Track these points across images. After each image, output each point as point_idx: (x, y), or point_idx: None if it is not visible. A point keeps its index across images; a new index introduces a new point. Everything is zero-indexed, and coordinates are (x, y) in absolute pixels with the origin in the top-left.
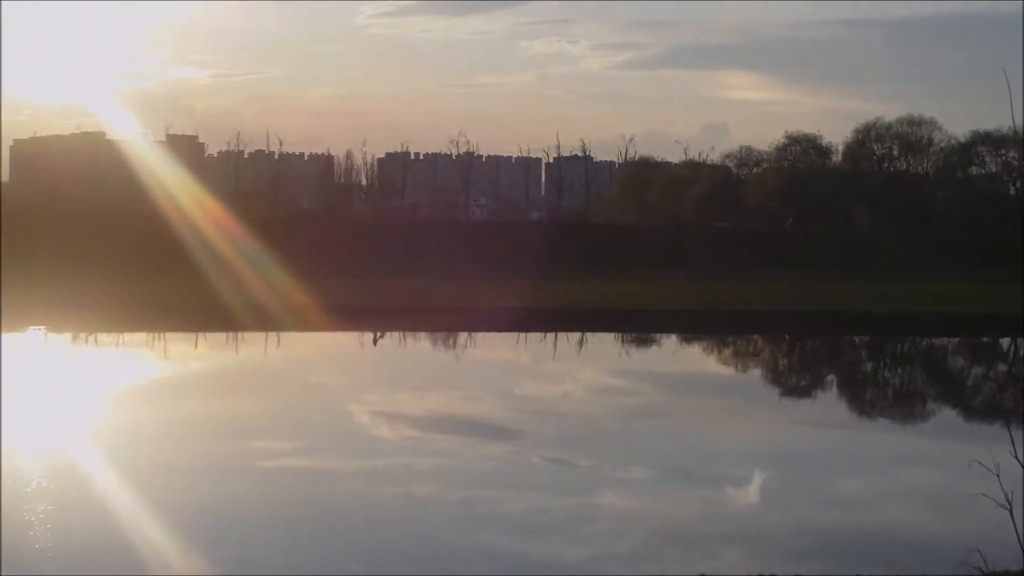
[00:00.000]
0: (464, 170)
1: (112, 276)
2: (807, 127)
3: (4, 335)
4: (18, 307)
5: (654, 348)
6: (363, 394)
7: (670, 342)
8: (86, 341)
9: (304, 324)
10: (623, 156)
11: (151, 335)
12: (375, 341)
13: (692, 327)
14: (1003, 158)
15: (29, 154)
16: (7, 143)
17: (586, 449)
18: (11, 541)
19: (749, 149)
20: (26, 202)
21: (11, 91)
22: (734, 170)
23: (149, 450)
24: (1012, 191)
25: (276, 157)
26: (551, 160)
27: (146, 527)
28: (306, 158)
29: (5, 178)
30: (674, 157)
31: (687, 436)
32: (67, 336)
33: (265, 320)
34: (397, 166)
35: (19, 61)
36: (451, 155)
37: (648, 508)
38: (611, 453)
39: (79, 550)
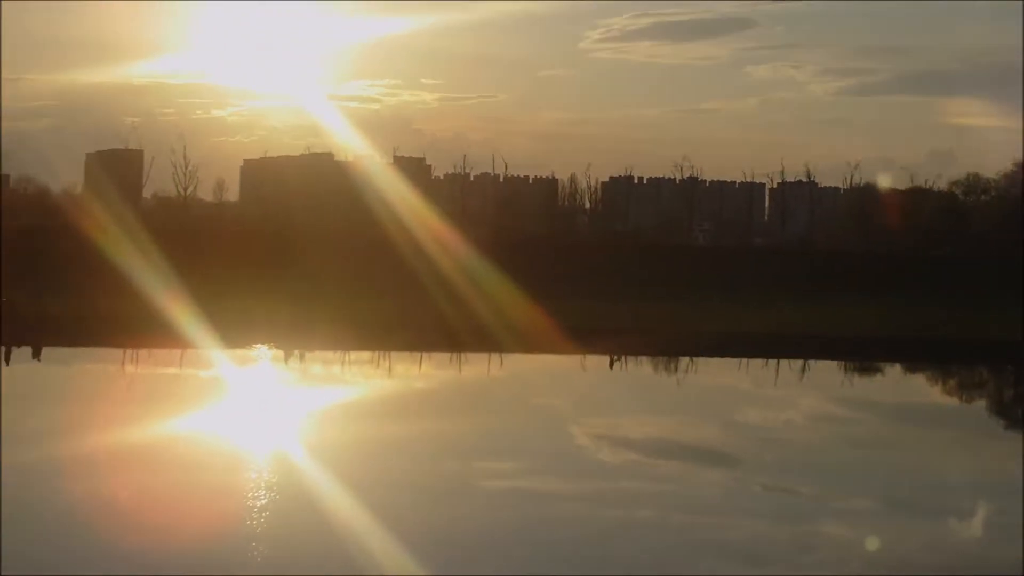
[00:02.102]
0: (687, 194)
1: (338, 295)
2: None
3: (232, 352)
4: (244, 324)
5: (877, 376)
6: (588, 416)
7: (893, 370)
8: (311, 359)
9: (531, 345)
10: (848, 182)
11: (376, 354)
12: (611, 364)
13: (914, 355)
14: None
15: (259, 174)
16: (238, 163)
17: (808, 477)
18: (220, 550)
19: (976, 176)
20: (255, 221)
21: (243, 111)
22: (960, 197)
23: (373, 468)
24: None
25: (501, 180)
26: (775, 185)
27: (370, 545)
28: (531, 181)
29: (236, 197)
30: (900, 183)
31: (910, 466)
32: (293, 354)
33: (491, 341)
34: (621, 190)
35: (252, 82)
36: (675, 179)
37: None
38: (833, 482)
39: (302, 566)
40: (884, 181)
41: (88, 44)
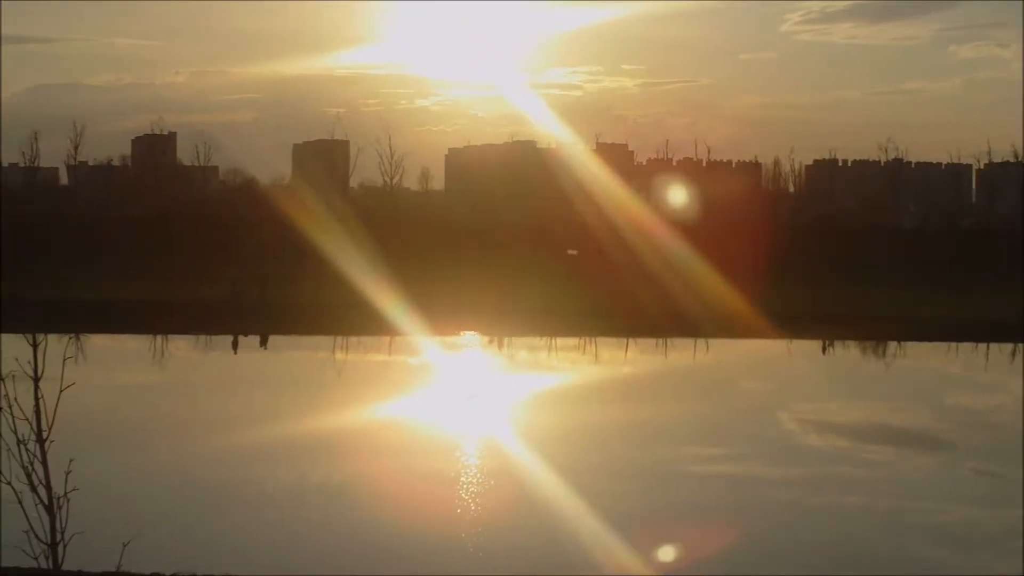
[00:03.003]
0: (892, 177)
1: (543, 281)
2: None
3: (440, 339)
4: (452, 311)
5: None
6: (796, 402)
7: None
8: (518, 345)
9: (736, 331)
10: None
11: (582, 340)
12: (824, 349)
13: None
14: None
15: (463, 163)
16: (442, 152)
17: (1019, 461)
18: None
19: None
20: (460, 210)
21: (446, 101)
22: None
23: (583, 454)
24: None
25: (704, 165)
26: (982, 166)
27: (582, 529)
28: (733, 166)
29: (441, 186)
30: None
31: None
32: (500, 340)
33: (696, 326)
34: (825, 173)
35: (454, 71)
36: (879, 162)
37: None
38: None
39: (515, 551)
40: None
41: (291, 36)
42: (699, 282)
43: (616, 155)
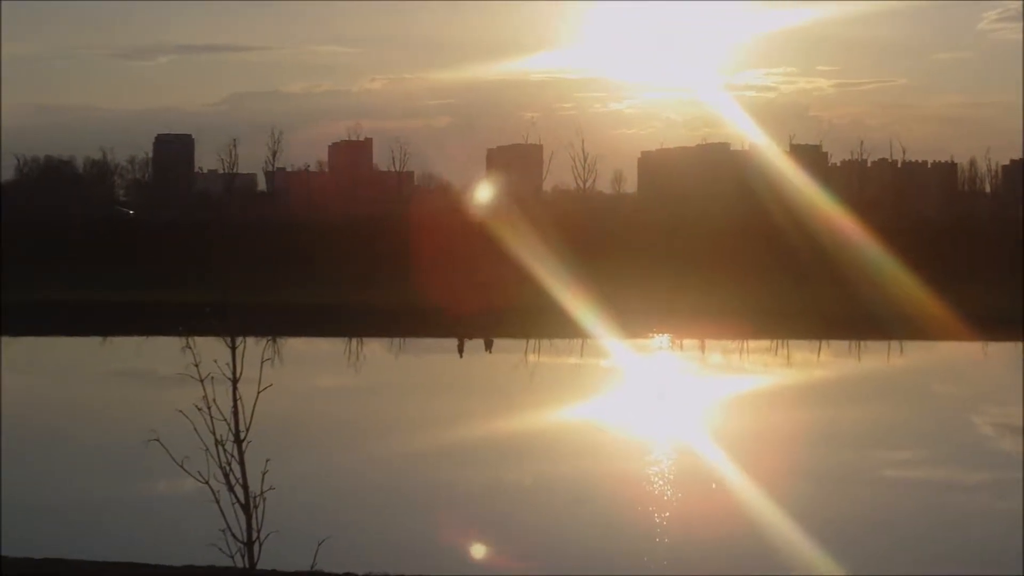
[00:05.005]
0: None
1: (735, 284)
2: None
3: (631, 341)
4: (644, 314)
5: None
6: (991, 405)
7: None
8: (710, 348)
9: (931, 333)
10: None
11: (774, 343)
12: None
13: None
14: None
15: (656, 165)
16: (635, 155)
17: None
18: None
19: None
20: (652, 213)
21: (639, 103)
22: None
23: (774, 457)
24: None
25: (899, 166)
26: None
27: (773, 533)
28: (929, 166)
29: (634, 189)
30: None
31: None
32: (692, 343)
33: (890, 329)
34: (1022, 174)
35: (648, 74)
36: None
37: None
38: None
39: (701, 556)
40: None
41: (486, 41)
42: (893, 284)
43: (810, 156)
